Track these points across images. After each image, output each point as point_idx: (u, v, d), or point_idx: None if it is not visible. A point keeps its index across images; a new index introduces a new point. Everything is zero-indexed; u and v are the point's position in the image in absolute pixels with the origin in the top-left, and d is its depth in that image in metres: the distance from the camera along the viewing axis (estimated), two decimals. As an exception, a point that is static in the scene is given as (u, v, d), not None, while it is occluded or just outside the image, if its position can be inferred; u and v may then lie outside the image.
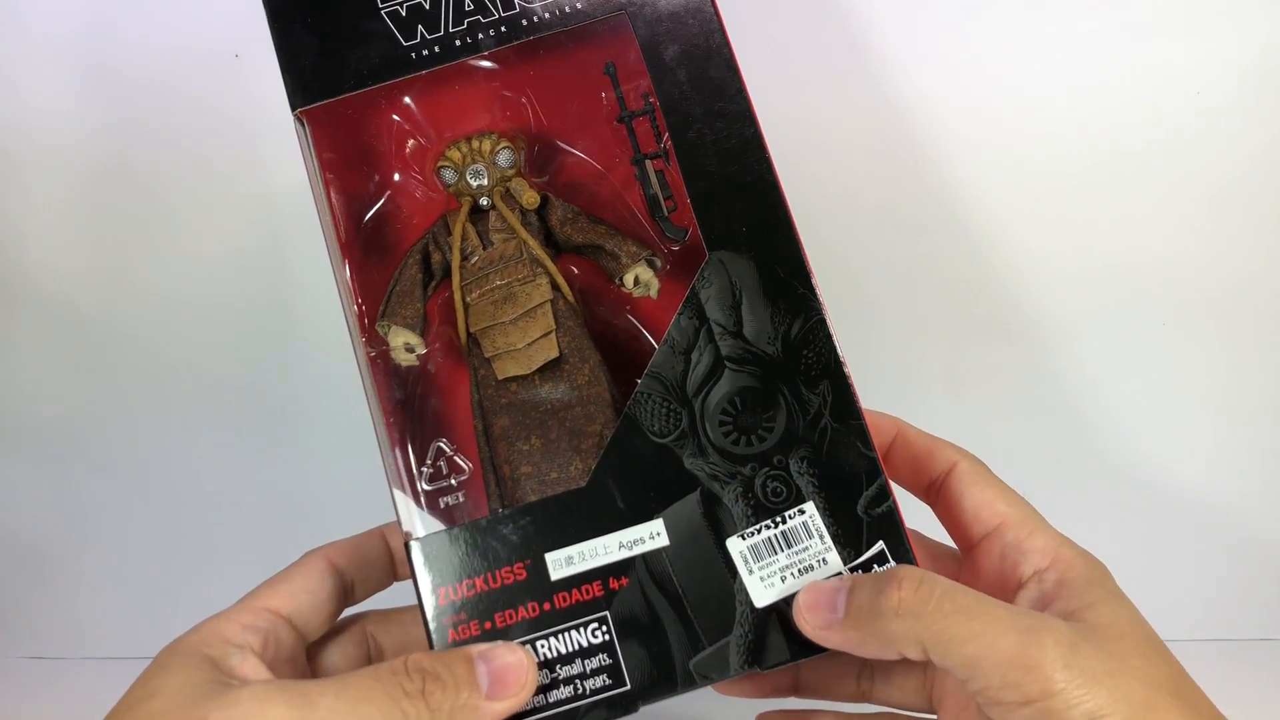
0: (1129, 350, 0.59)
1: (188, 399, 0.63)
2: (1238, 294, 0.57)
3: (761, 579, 0.38)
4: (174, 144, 0.58)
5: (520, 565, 0.38)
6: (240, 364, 0.62)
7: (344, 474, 0.60)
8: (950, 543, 0.43)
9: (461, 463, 0.41)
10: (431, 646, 0.38)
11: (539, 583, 0.38)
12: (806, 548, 0.38)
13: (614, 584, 0.38)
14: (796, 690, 0.45)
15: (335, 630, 0.43)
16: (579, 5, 0.42)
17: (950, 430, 0.43)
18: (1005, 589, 0.39)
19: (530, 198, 0.44)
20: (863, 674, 0.44)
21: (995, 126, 0.55)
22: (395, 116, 0.44)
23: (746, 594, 0.38)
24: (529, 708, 0.37)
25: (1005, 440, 0.58)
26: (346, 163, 0.43)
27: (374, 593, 0.44)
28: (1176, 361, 0.59)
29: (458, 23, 0.42)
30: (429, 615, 0.38)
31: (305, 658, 0.41)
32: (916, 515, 0.42)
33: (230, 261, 0.60)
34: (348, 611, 0.43)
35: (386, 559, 0.43)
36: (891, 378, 0.57)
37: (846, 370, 0.39)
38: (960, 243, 0.57)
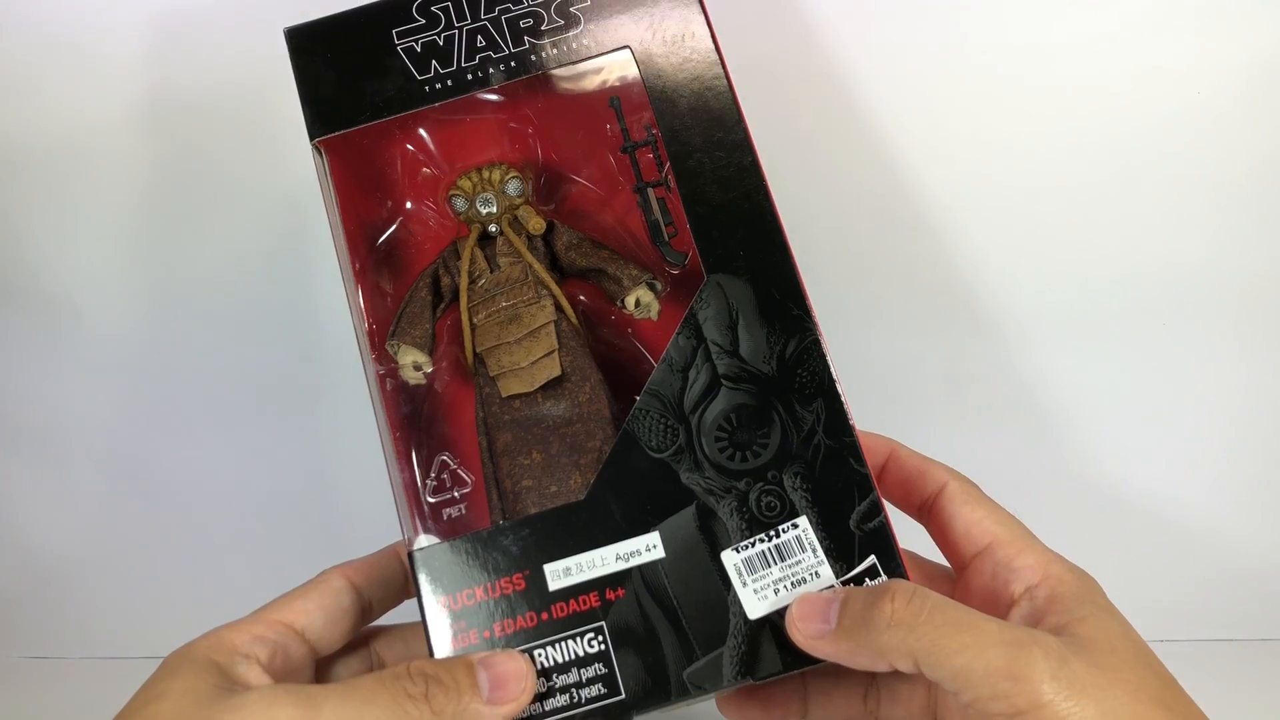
0: (1127, 353, 0.59)
1: (192, 400, 0.64)
2: (1239, 297, 0.57)
3: (755, 591, 0.38)
4: (197, 157, 0.59)
5: (519, 576, 0.39)
6: (244, 366, 0.63)
7: (344, 479, 0.61)
8: (944, 562, 0.43)
9: (464, 476, 0.42)
10: (432, 654, 0.39)
11: (537, 593, 0.39)
12: (799, 561, 0.39)
13: (610, 595, 0.39)
14: (805, 712, 0.45)
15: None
16: (585, 41, 0.44)
17: (945, 436, 0.43)
18: (998, 606, 0.39)
19: (536, 224, 0.45)
20: (869, 694, 0.44)
21: (993, 128, 0.55)
22: (409, 146, 0.46)
23: (740, 606, 0.38)
24: (525, 715, 0.37)
25: (1000, 445, 0.59)
26: (361, 189, 0.45)
27: (389, 609, 0.44)
28: (1175, 364, 0.58)
29: (470, 58, 0.44)
30: (430, 623, 0.39)
31: (314, 671, 0.42)
32: (912, 535, 0.42)
33: (245, 270, 0.60)
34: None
35: (402, 577, 0.44)
36: (887, 379, 0.57)
37: (840, 389, 0.40)
38: (957, 247, 0.57)
